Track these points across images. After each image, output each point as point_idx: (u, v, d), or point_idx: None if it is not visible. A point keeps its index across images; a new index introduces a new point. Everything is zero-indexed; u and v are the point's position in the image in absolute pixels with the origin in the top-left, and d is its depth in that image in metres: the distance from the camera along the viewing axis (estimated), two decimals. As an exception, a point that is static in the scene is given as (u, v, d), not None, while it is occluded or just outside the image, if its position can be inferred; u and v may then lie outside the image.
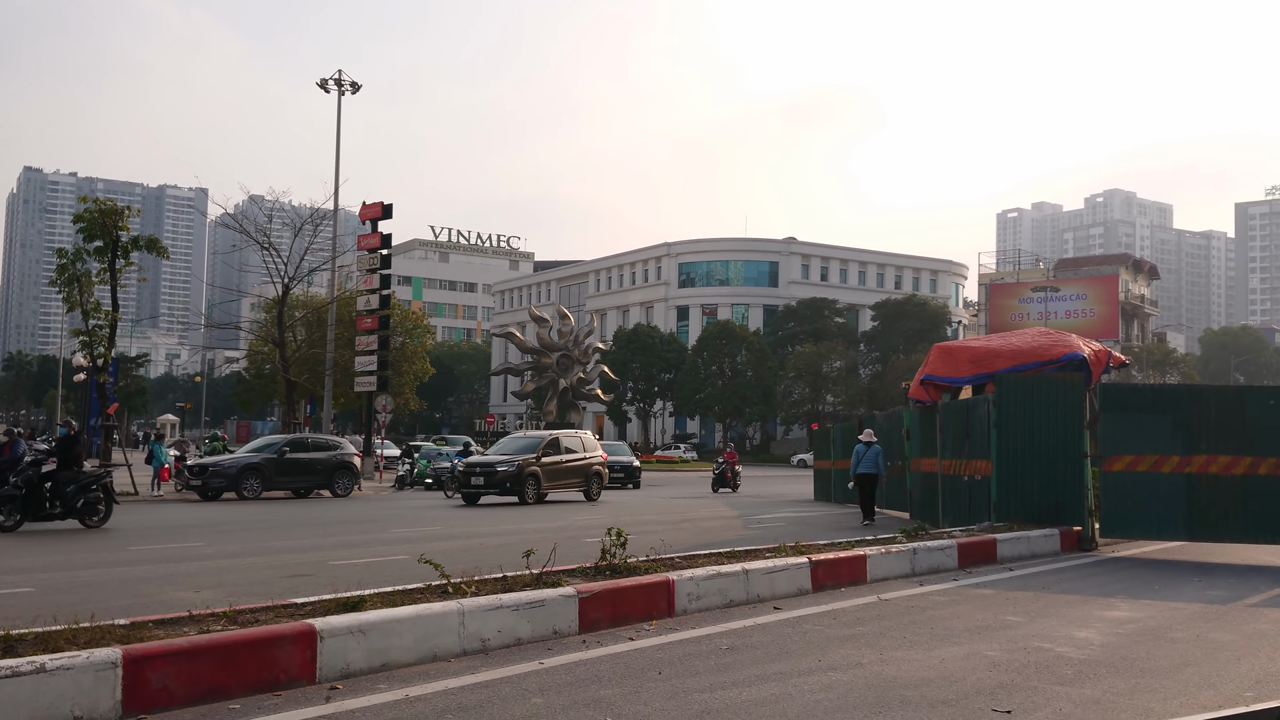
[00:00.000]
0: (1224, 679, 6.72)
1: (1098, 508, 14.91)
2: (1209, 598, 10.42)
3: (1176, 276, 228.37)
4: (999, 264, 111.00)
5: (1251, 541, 14.49)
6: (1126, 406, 15.07)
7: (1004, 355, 17.52)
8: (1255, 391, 15.17)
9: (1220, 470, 14.32)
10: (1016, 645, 7.65)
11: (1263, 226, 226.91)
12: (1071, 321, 75.97)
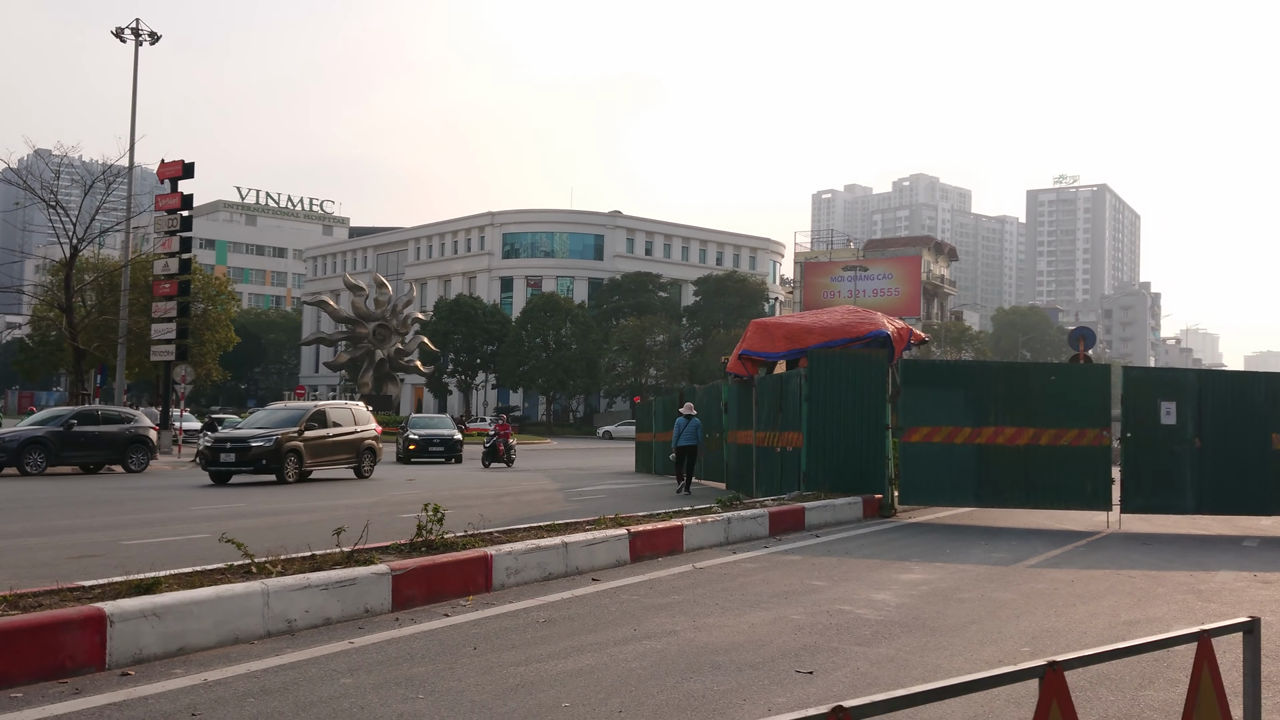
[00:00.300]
0: (1004, 635, 7.24)
1: (897, 476, 15.78)
2: (994, 560, 11.22)
3: (973, 258, 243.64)
4: (813, 243, 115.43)
5: (1032, 507, 15.68)
6: (925, 381, 15.98)
7: (816, 331, 18.23)
8: (1038, 368, 16.38)
9: (1006, 441, 15.41)
10: (820, 609, 8.00)
11: (1051, 213, 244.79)
12: (879, 300, 79.92)
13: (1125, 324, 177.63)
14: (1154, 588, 9.59)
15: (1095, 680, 5.93)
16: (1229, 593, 9.45)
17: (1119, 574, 10.43)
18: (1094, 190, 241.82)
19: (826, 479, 15.70)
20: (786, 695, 5.59)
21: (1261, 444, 15.37)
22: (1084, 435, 15.26)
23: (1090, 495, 15.28)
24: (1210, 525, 15.60)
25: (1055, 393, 15.48)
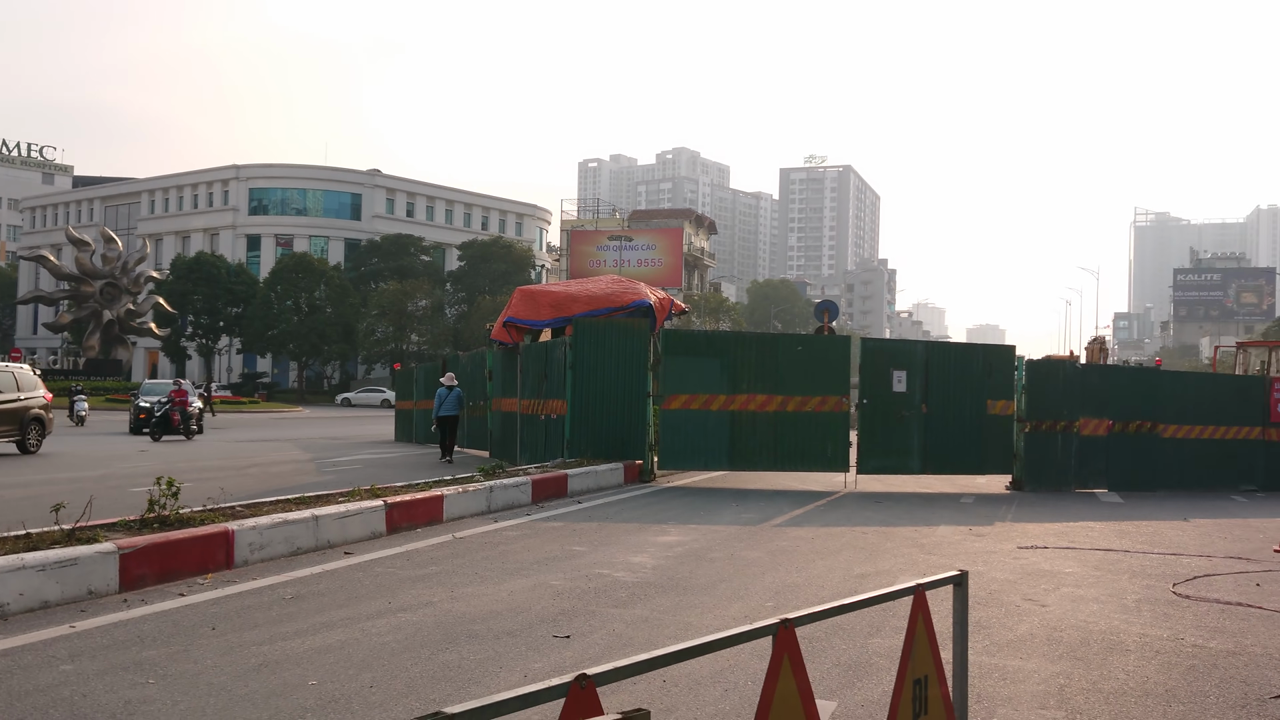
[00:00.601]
0: (751, 592, 7.61)
1: (657, 442, 16.24)
2: (744, 520, 11.78)
3: (731, 232, 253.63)
4: (580, 212, 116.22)
5: (780, 469, 16.57)
6: (684, 351, 16.49)
7: (581, 300, 18.38)
8: (787, 339, 17.27)
9: (758, 408, 16.18)
10: (579, 573, 8.11)
11: (801, 191, 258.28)
12: (642, 270, 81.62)
13: (865, 298, 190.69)
14: (884, 542, 10.38)
15: (830, 631, 6.34)
16: (948, 545, 10.36)
17: (854, 530, 11.21)
18: (840, 170, 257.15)
19: (590, 446, 15.93)
20: (543, 661, 5.62)
21: (978, 409, 16.94)
22: (826, 402, 16.26)
23: (831, 458, 16.32)
24: (934, 484, 17.07)
25: (802, 362, 16.38)
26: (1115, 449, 17.57)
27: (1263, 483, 18.51)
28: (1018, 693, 5.27)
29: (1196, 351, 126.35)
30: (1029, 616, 7.08)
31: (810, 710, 2.20)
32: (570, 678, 1.93)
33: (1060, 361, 20.34)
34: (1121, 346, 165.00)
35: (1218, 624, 7.01)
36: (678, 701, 4.96)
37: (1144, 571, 9.10)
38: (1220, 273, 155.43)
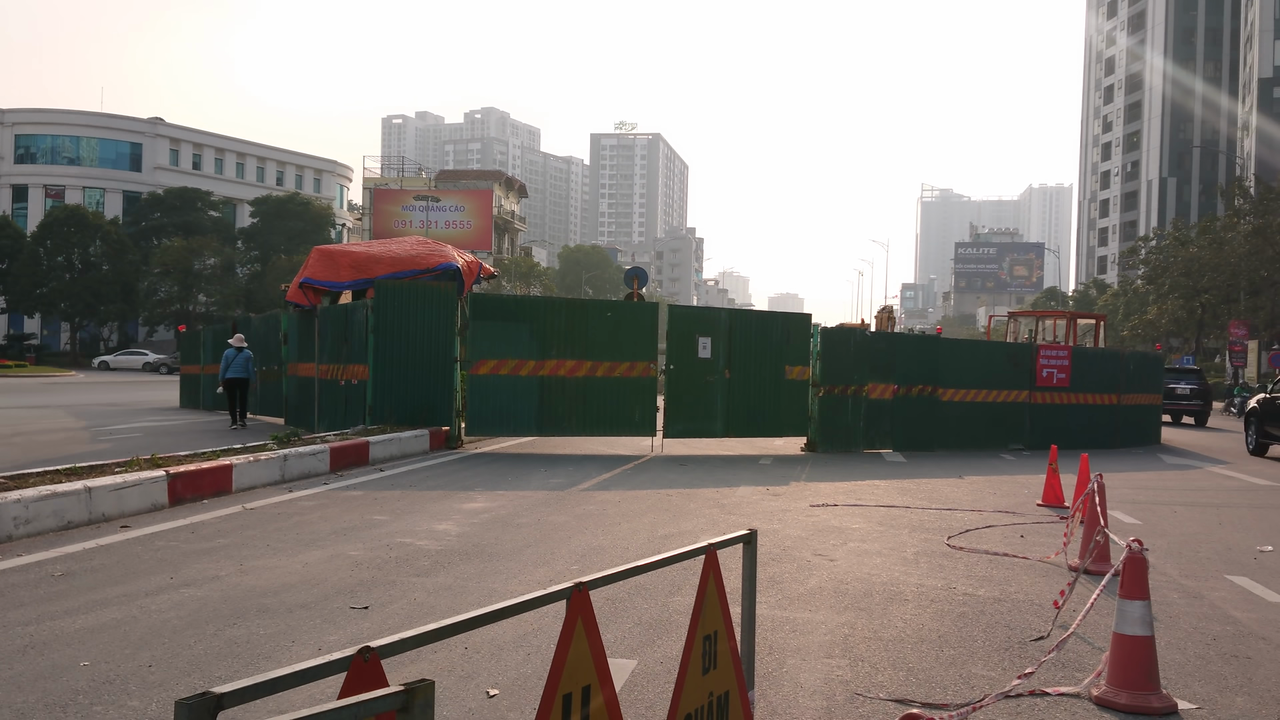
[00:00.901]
0: (557, 556, 7.64)
1: (464, 408, 16.01)
2: (551, 485, 11.80)
3: (542, 195, 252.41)
4: (384, 169, 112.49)
5: (589, 434, 16.68)
6: (493, 315, 16.28)
7: (384, 262, 17.81)
8: (596, 305, 17.33)
9: (567, 373, 16.21)
10: (380, 543, 7.90)
11: (612, 157, 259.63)
12: (450, 232, 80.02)
13: (674, 265, 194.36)
14: (687, 504, 10.64)
15: (633, 591, 6.45)
16: (747, 505, 10.74)
17: (659, 493, 11.44)
18: (650, 138, 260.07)
19: (393, 412, 15.53)
20: (340, 633, 5.45)
21: (777, 375, 17.59)
22: (635, 367, 16.48)
23: (639, 422, 16.57)
24: (735, 446, 17.65)
25: (611, 328, 16.51)
26: (900, 411, 18.68)
27: (1029, 441, 20.13)
28: (806, 643, 5.53)
29: (974, 320, 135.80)
30: (819, 571, 7.43)
31: (603, 672, 2.21)
32: (352, 651, 1.85)
33: (852, 329, 21.37)
34: (908, 315, 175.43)
35: (986, 573, 7.58)
36: (479, 667, 4.92)
37: (922, 526, 9.72)
38: (996, 247, 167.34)
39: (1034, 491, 12.64)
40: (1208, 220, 61.60)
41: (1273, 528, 10.49)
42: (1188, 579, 7.61)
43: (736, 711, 2.76)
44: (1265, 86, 68.23)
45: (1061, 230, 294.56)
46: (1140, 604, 4.69)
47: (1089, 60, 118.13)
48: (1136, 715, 4.53)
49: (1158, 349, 38.21)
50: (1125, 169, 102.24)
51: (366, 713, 1.67)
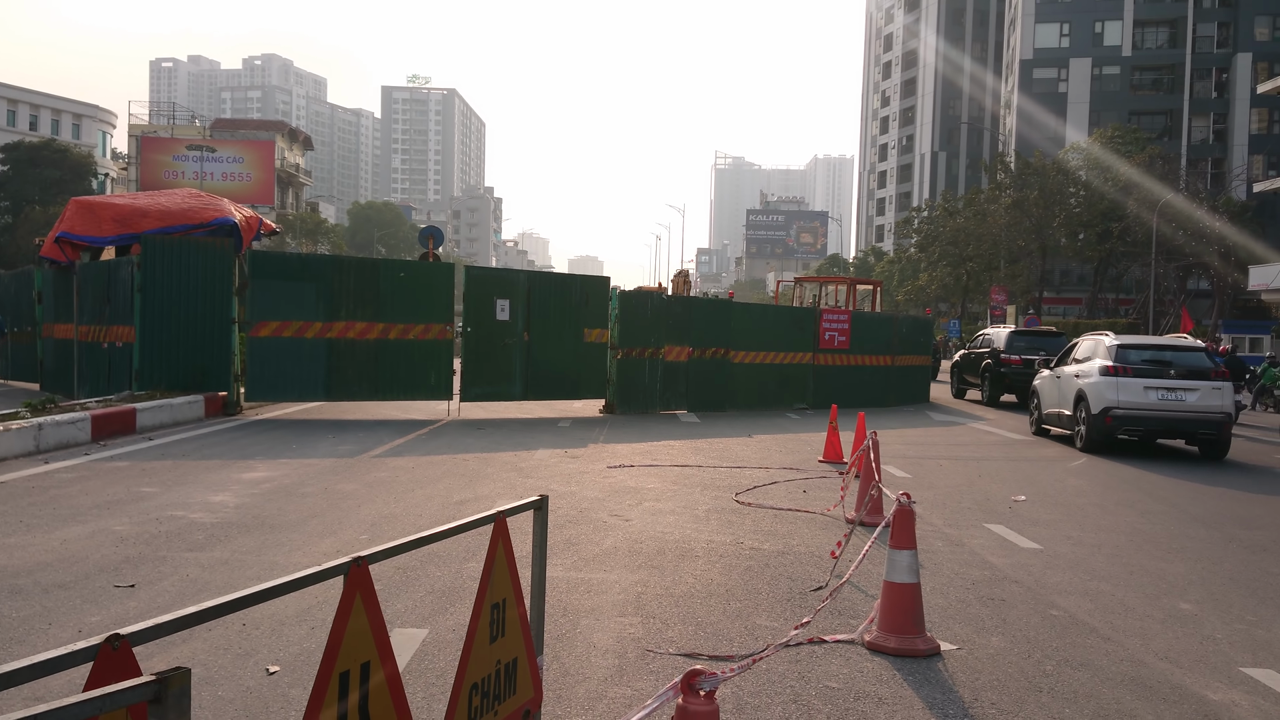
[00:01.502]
0: (345, 526, 7.37)
1: (244, 373, 15.17)
2: (340, 452, 11.38)
3: (330, 149, 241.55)
4: (153, 116, 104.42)
5: (382, 399, 16.18)
6: (276, 274, 15.45)
7: (152, 215, 16.53)
8: (389, 264, 16.76)
9: (358, 335, 15.63)
10: (149, 516, 7.38)
11: (405, 111, 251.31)
12: (229, 185, 75.41)
13: (472, 225, 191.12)
14: (484, 468, 10.52)
15: (426, 559, 6.31)
16: (545, 468, 10.73)
17: (455, 458, 11.25)
18: (445, 94, 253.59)
19: (164, 377, 14.53)
20: (103, 613, 5.05)
21: (576, 337, 17.64)
22: (430, 329, 16.09)
23: (434, 386, 16.22)
24: (535, 409, 17.59)
25: (405, 289, 16.02)
26: (695, 373, 19.16)
27: (813, 401, 21.13)
28: (600, 603, 5.58)
29: (764, 285, 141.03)
30: (614, 531, 7.52)
31: (384, 647, 2.12)
32: (100, 639, 1.68)
33: (649, 293, 21.69)
34: (703, 279, 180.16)
35: (771, 528, 7.89)
36: (259, 644, 4.68)
37: (714, 484, 10.02)
38: (784, 214, 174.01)
39: (816, 449, 13.27)
40: (973, 193, 66.26)
41: (1025, 479, 11.46)
42: (951, 528, 8.20)
43: (525, 678, 2.73)
44: (1026, 68, 73.70)
45: (844, 200, 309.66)
46: (908, 553, 5.00)
47: (869, 36, 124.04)
48: (904, 657, 4.83)
49: (927, 313, 40.74)
50: (901, 142, 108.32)
51: (111, 706, 1.52)
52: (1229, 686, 4.61)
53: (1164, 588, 6.46)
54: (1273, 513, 9.72)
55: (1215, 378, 14.43)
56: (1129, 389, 14.27)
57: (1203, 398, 14.15)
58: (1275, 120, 66.11)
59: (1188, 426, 14.21)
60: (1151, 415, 14.20)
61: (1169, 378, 14.40)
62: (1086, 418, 14.55)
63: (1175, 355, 14.79)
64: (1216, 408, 14.14)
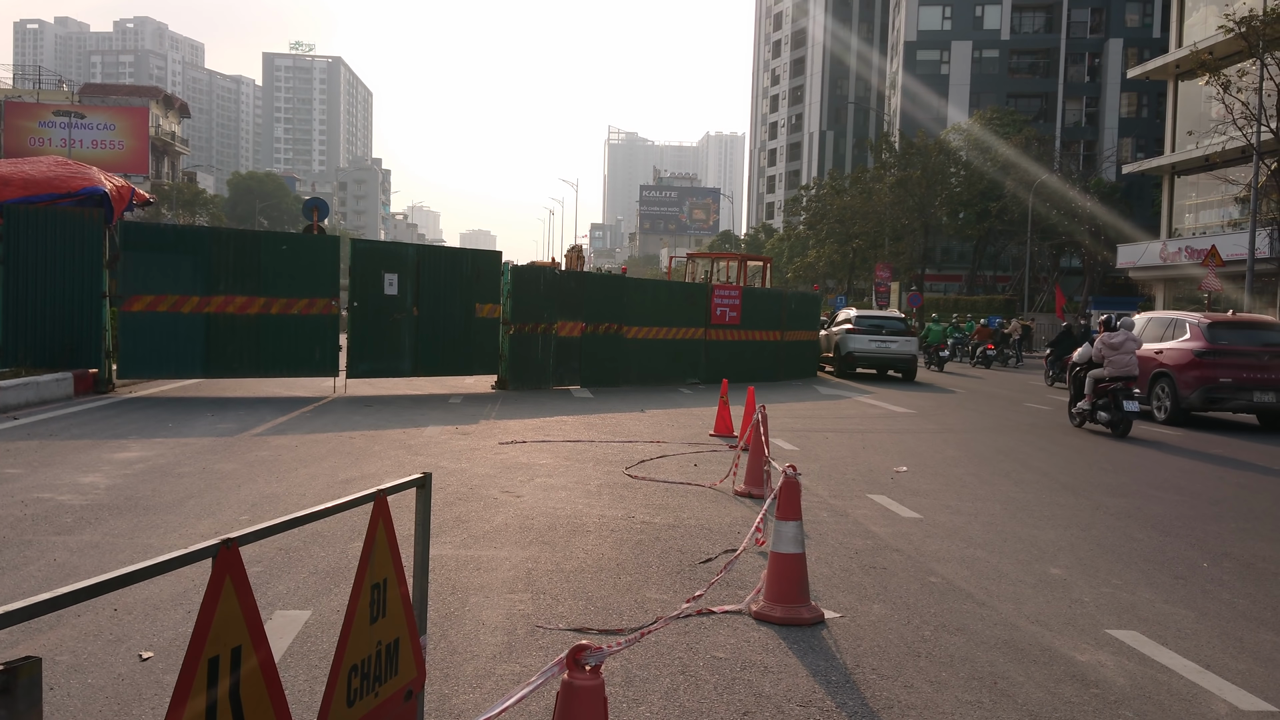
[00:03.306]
0: (224, 506, 7.13)
1: (116, 349, 14.53)
2: (219, 431, 10.99)
3: (208, 117, 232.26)
4: (17, 80, 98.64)
5: (264, 376, 15.71)
6: (149, 246, 14.80)
7: (15, 184, 15.61)
8: (271, 237, 16.22)
9: (238, 310, 15.11)
10: (13, 499, 7.01)
11: (288, 79, 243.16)
12: (99, 153, 71.84)
13: (359, 197, 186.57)
14: (371, 446, 10.31)
15: (310, 539, 6.16)
16: (435, 445, 10.58)
17: (341, 435, 11.00)
18: (330, 62, 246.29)
19: (29, 353, 13.80)
20: (-42, 606, 4.77)
21: (468, 312, 17.40)
22: (314, 304, 15.65)
23: (319, 362, 15.81)
24: (425, 385, 17.34)
25: (287, 262, 15.54)
26: (588, 349, 19.15)
27: (705, 376, 21.37)
28: (490, 580, 5.53)
29: (658, 261, 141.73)
30: (505, 508, 7.46)
31: (257, 632, 2.04)
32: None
33: (542, 268, 21.57)
34: (597, 255, 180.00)
35: (663, 502, 7.95)
36: (131, 630, 4.49)
37: (606, 459, 10.04)
38: (677, 191, 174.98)
39: (707, 423, 13.42)
40: (859, 172, 67.80)
41: (907, 450, 11.82)
42: (836, 499, 8.40)
43: (408, 658, 2.68)
44: (910, 49, 75.57)
45: (736, 176, 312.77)
46: (793, 524, 5.09)
47: (760, 15, 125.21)
48: (790, 626, 4.93)
49: (815, 289, 41.65)
50: (790, 121, 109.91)
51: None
52: (1095, 648, 4.84)
53: (1036, 554, 6.74)
54: (1138, 481, 10.25)
55: (907, 334, 24.89)
56: (860, 340, 24.58)
57: (900, 346, 24.55)
58: (1144, 104, 69.32)
59: (892, 362, 24.65)
60: (872, 356, 24.56)
61: (882, 335, 24.52)
62: (840, 357, 25.07)
63: (886, 321, 25.22)
64: (908, 352, 24.58)
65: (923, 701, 4.08)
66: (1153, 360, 16.43)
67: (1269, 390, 15.46)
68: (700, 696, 4.03)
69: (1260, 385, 15.46)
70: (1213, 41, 33.06)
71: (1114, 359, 14.20)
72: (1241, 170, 33.44)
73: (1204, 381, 15.54)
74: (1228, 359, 15.55)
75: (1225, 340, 15.83)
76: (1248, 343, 15.86)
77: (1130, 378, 14.16)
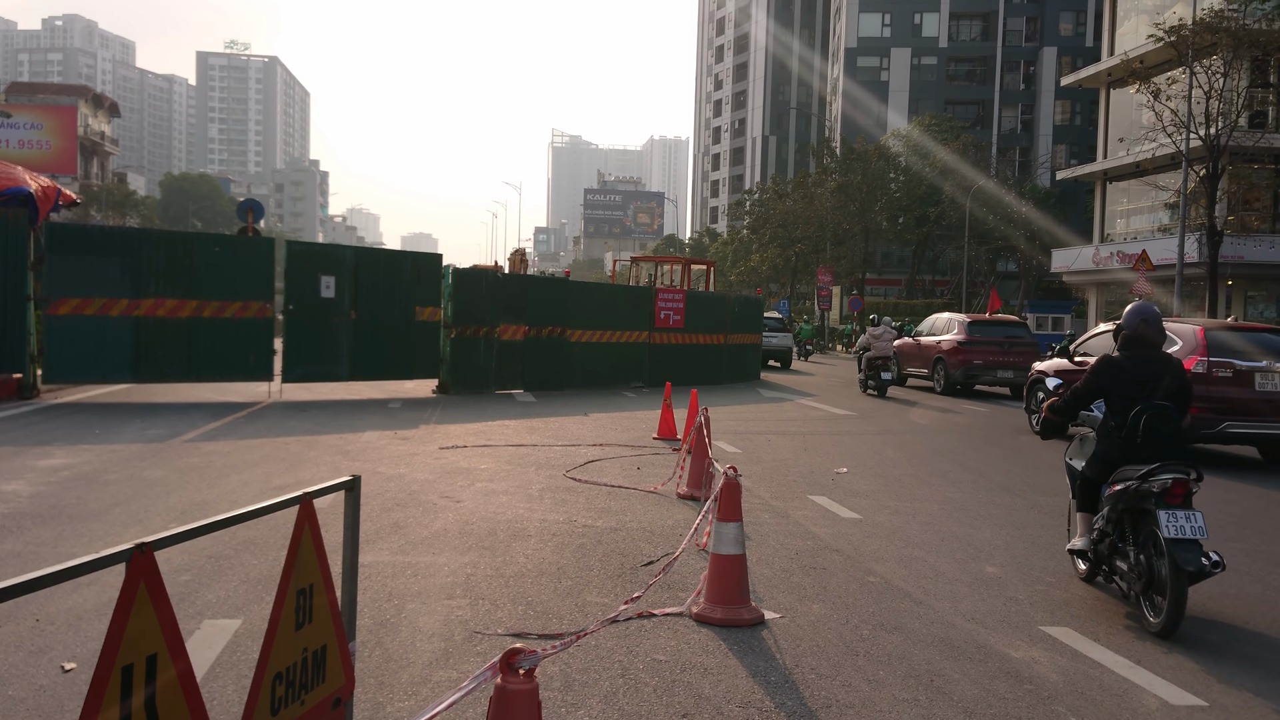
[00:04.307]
0: (153, 514, 6.93)
1: (41, 353, 14.10)
2: (148, 437, 10.71)
3: (139, 117, 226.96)
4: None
5: (196, 380, 15.34)
6: (76, 248, 14.38)
7: (-67, 181, 15.10)
8: (202, 238, 15.87)
9: (168, 314, 14.75)
10: (-72, 511, 6.74)
11: (223, 78, 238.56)
12: (25, 153, 69.81)
13: (297, 199, 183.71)
14: (307, 451, 10.12)
15: (242, 547, 6.02)
16: (373, 450, 10.41)
17: (275, 441, 10.78)
18: (266, 61, 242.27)
19: (-52, 358, 13.33)
20: None
21: (407, 316, 17.19)
22: (248, 307, 15.34)
23: (254, 367, 15.49)
24: (363, 390, 17.08)
25: (220, 264, 15.21)
26: (531, 352, 19.02)
27: (649, 379, 21.36)
28: (428, 586, 5.45)
29: (603, 265, 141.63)
30: (444, 513, 7.36)
31: (174, 639, 1.96)
32: None
33: (484, 271, 21.36)
34: (541, 259, 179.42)
35: (605, 505, 7.91)
36: (54, 640, 4.35)
37: (548, 463, 9.97)
38: (622, 194, 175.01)
39: (651, 426, 13.41)
40: (801, 177, 68.39)
41: (847, 452, 11.92)
42: (777, 500, 8.43)
43: (335, 665, 2.61)
44: (850, 56, 76.50)
45: (680, 181, 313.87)
46: (734, 525, 5.09)
47: (703, 19, 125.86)
48: (730, 628, 4.92)
49: (759, 293, 41.85)
50: (734, 126, 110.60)
51: None
52: (1029, 644, 4.90)
53: (972, 553, 6.83)
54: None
55: (784, 331, 31.59)
56: None
57: (779, 340, 30.65)
58: (1077, 112, 70.94)
59: (771, 354, 29.51)
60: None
61: (766, 331, 28.51)
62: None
63: (768, 320, 29.44)
64: (786, 345, 31.09)
65: (860, 700, 4.09)
66: (935, 348, 22.39)
67: (1009, 369, 21.13)
68: (639, 699, 4.00)
69: (1003, 366, 21.22)
70: (1143, 50, 33.93)
71: (876, 345, 20.92)
72: (1171, 176, 34.36)
73: (965, 363, 21.33)
74: (981, 348, 21.32)
75: (979, 334, 21.56)
76: (996, 336, 21.55)
77: (886, 357, 20.96)
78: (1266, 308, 35.00)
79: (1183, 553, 4.91)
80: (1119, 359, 5.69)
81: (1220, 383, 11.83)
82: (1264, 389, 11.83)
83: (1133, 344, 5.72)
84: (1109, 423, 5.67)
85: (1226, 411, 11.72)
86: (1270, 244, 32.96)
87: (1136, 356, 5.66)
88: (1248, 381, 11.85)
